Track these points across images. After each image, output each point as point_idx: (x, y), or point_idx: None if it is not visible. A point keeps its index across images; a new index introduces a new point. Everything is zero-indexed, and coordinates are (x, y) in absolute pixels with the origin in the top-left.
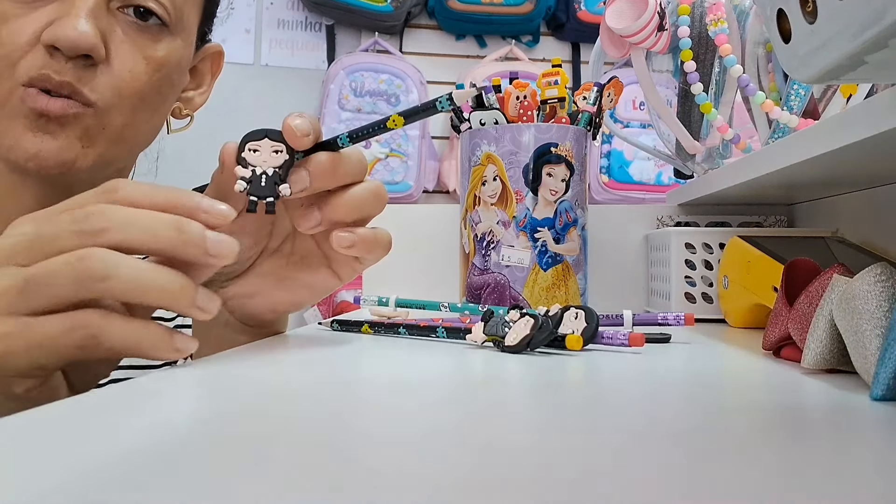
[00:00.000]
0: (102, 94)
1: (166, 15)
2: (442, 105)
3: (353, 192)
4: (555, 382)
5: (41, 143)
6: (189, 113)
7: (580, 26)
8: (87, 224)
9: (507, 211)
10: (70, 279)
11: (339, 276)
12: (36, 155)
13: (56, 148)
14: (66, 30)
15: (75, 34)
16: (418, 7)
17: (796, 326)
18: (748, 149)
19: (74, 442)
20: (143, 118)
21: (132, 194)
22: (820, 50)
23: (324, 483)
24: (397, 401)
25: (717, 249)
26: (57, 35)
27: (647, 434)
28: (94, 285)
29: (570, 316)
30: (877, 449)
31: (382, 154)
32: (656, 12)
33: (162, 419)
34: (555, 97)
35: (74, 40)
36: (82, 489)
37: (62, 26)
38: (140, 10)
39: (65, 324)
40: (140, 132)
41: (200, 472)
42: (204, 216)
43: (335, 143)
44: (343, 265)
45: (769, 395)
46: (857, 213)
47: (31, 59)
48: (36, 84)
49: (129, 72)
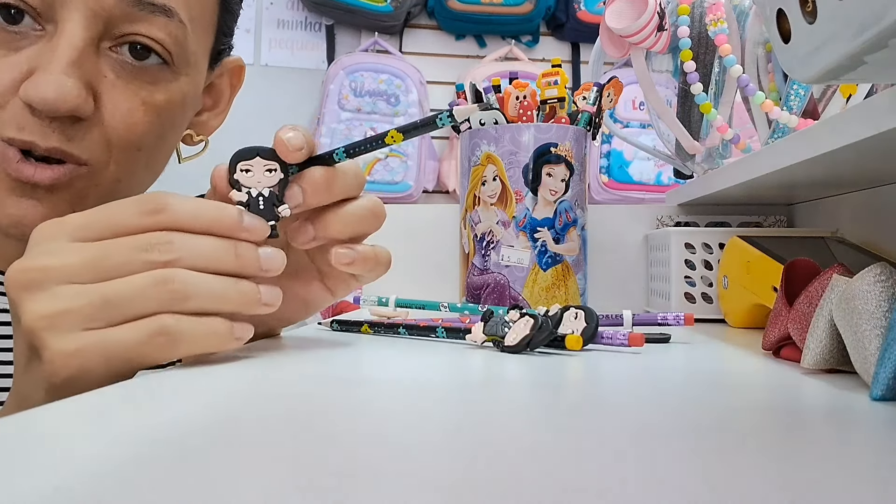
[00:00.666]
0: (94, 152)
1: (166, 53)
2: (442, 121)
3: (348, 209)
4: (554, 382)
5: (25, 209)
6: (204, 138)
7: (580, 26)
8: (157, 255)
9: (507, 211)
10: (154, 300)
11: (332, 291)
12: (19, 222)
13: (42, 214)
14: (45, 89)
15: (54, 96)
16: (418, 7)
17: (796, 326)
18: (748, 149)
19: (74, 443)
20: (141, 166)
21: (181, 218)
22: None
23: (324, 483)
24: (397, 401)
25: (717, 249)
26: (33, 96)
27: (646, 434)
28: (178, 304)
29: (569, 316)
30: (877, 449)
31: (382, 154)
32: (656, 12)
33: (162, 420)
34: (554, 97)
35: (53, 103)
36: (82, 490)
37: (41, 84)
38: (136, 48)
39: (142, 331)
40: (137, 182)
41: (201, 472)
42: (245, 235)
43: (330, 157)
44: (338, 281)
45: (769, 395)
46: (856, 213)
47: (11, 113)
48: (18, 146)
49: (122, 122)
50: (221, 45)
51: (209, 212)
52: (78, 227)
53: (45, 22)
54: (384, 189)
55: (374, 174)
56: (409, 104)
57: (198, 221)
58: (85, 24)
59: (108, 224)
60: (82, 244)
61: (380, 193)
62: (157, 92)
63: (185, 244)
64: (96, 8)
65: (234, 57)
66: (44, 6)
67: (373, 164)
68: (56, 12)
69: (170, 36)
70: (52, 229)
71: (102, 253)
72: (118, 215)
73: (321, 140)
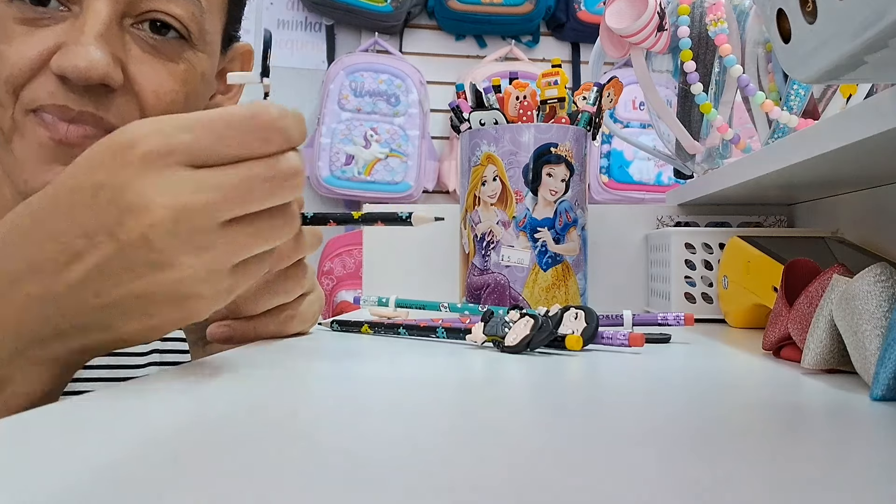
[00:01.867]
0: (128, 119)
1: (184, 29)
2: (405, 218)
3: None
4: (554, 383)
5: (56, 174)
6: None
7: (580, 26)
8: (289, 192)
9: (507, 211)
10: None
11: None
12: None
13: None
14: (75, 59)
15: (85, 64)
16: (418, 7)
17: (796, 327)
18: (748, 149)
19: (72, 443)
20: None
21: (294, 141)
22: (820, 50)
23: (324, 483)
24: (397, 401)
25: (717, 249)
26: (66, 65)
27: (646, 434)
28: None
29: (569, 316)
30: (877, 449)
31: (382, 154)
32: (656, 12)
33: (161, 421)
34: (554, 97)
35: (85, 71)
36: (80, 491)
37: (71, 55)
38: (156, 25)
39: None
40: None
41: (201, 472)
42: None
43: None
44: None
45: (769, 395)
46: (856, 213)
47: (40, 85)
48: (50, 113)
49: (153, 92)
50: (232, 30)
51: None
52: (191, 154)
53: (71, 3)
54: (384, 189)
55: (374, 174)
56: (409, 104)
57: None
58: (109, 2)
59: (227, 151)
60: (209, 173)
61: (380, 193)
62: (179, 63)
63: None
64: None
65: (243, 43)
66: None
67: (373, 164)
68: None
69: (187, 12)
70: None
71: (244, 187)
72: (237, 139)
73: (321, 140)
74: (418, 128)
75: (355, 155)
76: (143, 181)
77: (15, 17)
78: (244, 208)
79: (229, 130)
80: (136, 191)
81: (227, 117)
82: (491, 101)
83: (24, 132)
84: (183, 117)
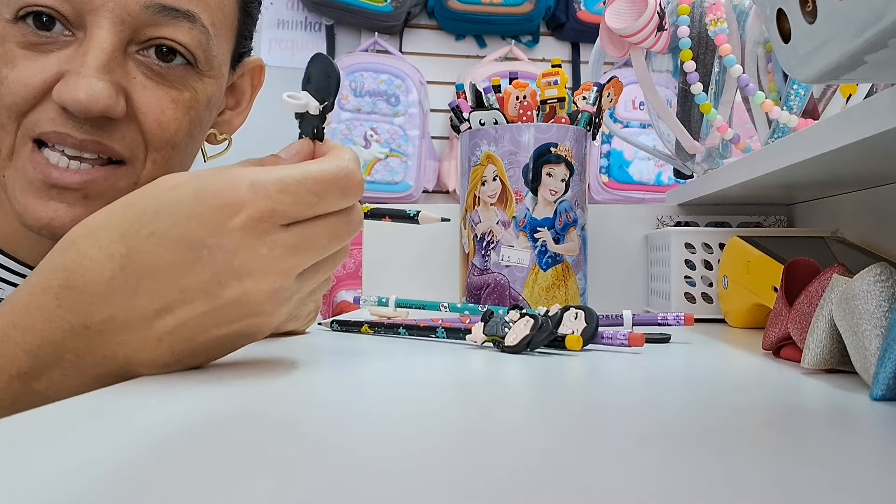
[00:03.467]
0: (132, 148)
1: (190, 55)
2: (412, 215)
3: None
4: (554, 383)
5: (54, 211)
6: (227, 137)
7: (580, 26)
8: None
9: (507, 211)
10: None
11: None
12: (49, 224)
13: (72, 217)
14: (76, 91)
15: (86, 97)
16: (418, 7)
17: (796, 326)
18: (748, 149)
19: (73, 443)
20: (176, 165)
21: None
22: (819, 50)
23: (323, 483)
24: (397, 401)
25: (717, 249)
26: (67, 97)
27: (646, 434)
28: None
29: (569, 316)
30: (877, 449)
31: (382, 154)
32: (656, 12)
33: (160, 420)
34: (554, 97)
35: (86, 103)
36: (80, 491)
37: (73, 86)
38: (162, 51)
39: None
40: None
41: (200, 472)
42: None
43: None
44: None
45: (769, 395)
46: (856, 213)
47: (42, 113)
48: (51, 140)
49: (155, 120)
50: (242, 47)
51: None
52: (288, 216)
53: (76, 29)
54: (384, 189)
55: (374, 174)
56: (409, 104)
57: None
58: (113, 30)
59: (317, 210)
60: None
61: (380, 193)
62: (184, 91)
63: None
64: (123, 15)
65: (255, 57)
66: (74, 13)
67: (373, 163)
68: (85, 19)
69: (194, 40)
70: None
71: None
72: (327, 198)
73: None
74: (418, 128)
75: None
76: (249, 248)
77: (18, 42)
78: (323, 256)
79: (321, 189)
80: (244, 258)
81: (319, 176)
82: (491, 101)
83: (17, 162)
84: (279, 175)
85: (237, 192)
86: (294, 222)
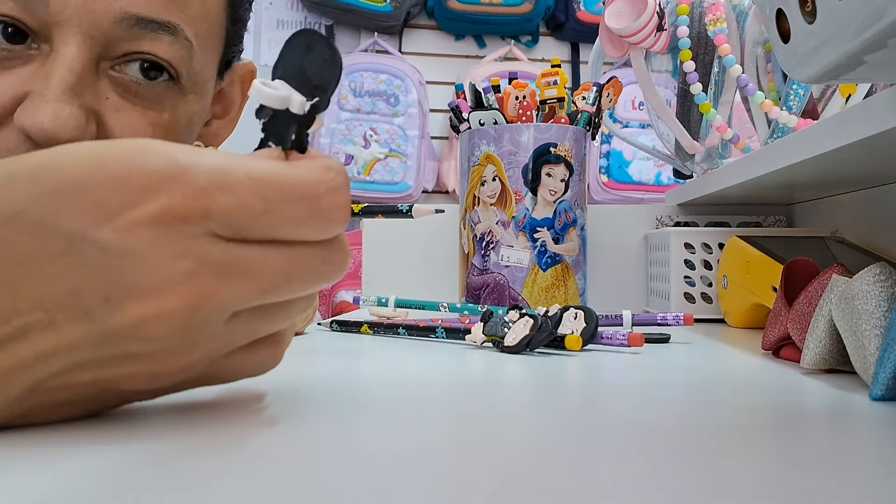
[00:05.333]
0: None
1: (173, 70)
2: (404, 210)
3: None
4: (554, 383)
5: None
6: (213, 149)
7: (579, 26)
8: (331, 278)
9: (507, 211)
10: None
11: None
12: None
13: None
14: (40, 117)
15: (51, 125)
16: (417, 7)
17: (796, 326)
18: (747, 149)
19: (72, 443)
20: None
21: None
22: (819, 50)
23: (322, 482)
24: (396, 401)
25: (717, 249)
26: (29, 125)
27: (646, 434)
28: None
29: (569, 316)
30: (877, 449)
31: (382, 154)
32: (655, 12)
33: (160, 420)
34: (554, 97)
35: (51, 131)
36: (81, 492)
37: (36, 113)
38: (145, 66)
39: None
40: None
41: (199, 472)
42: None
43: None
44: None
45: (769, 395)
46: (856, 213)
47: (5, 140)
48: None
49: None
50: (231, 54)
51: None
52: (227, 225)
53: (40, 41)
54: (384, 189)
55: (373, 174)
56: (408, 104)
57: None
58: (83, 46)
59: (275, 231)
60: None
61: (379, 193)
62: (163, 112)
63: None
64: (92, 31)
65: (245, 62)
66: (38, 25)
67: (372, 163)
68: (51, 32)
69: (175, 56)
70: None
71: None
72: (291, 215)
73: (320, 141)
74: (418, 128)
75: (355, 155)
76: (159, 253)
77: None
78: (274, 299)
79: (277, 197)
80: (148, 267)
81: (282, 181)
82: (490, 101)
83: None
84: (222, 164)
85: (153, 164)
86: (240, 239)
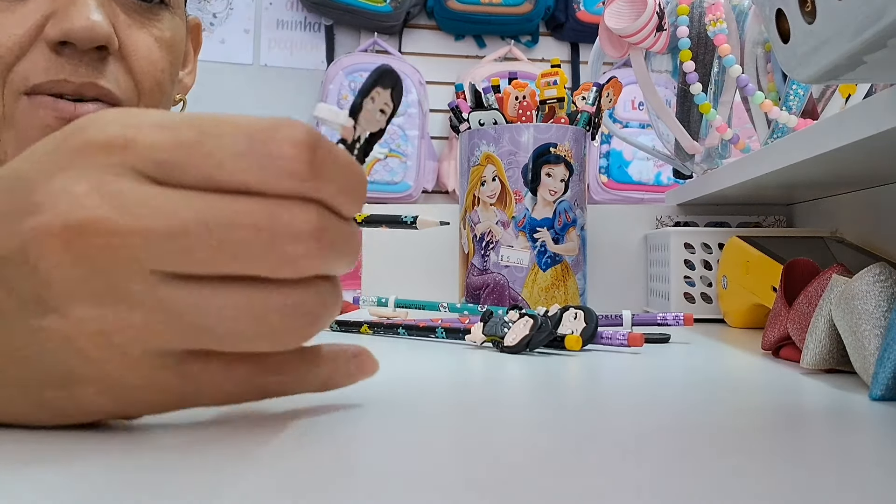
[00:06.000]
0: (126, 90)
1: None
2: (408, 221)
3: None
4: (554, 383)
5: None
6: (182, 97)
7: (579, 26)
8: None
9: (507, 211)
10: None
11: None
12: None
13: None
14: (78, 21)
15: (90, 24)
16: (417, 7)
17: (795, 326)
18: (747, 149)
19: (73, 442)
20: (164, 108)
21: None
22: (819, 50)
23: (322, 482)
24: (396, 401)
25: (717, 249)
26: (68, 28)
27: (646, 434)
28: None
29: (569, 316)
30: (877, 449)
31: (381, 154)
32: (655, 12)
33: (157, 420)
34: (554, 97)
35: (90, 30)
36: (80, 492)
37: (73, 17)
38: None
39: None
40: None
41: (198, 472)
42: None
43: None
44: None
45: (768, 395)
46: (856, 213)
47: (31, 63)
48: (46, 91)
49: (145, 59)
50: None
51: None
52: (157, 162)
53: None
54: (383, 189)
55: (373, 174)
56: (408, 104)
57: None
58: None
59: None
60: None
61: (379, 193)
62: (164, 30)
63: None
64: None
65: (191, 17)
66: None
67: (372, 163)
68: None
69: None
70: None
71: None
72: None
73: None
74: (417, 128)
75: None
76: (64, 175)
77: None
78: (191, 256)
79: (218, 134)
80: (50, 185)
81: (226, 116)
82: (490, 102)
83: (16, 121)
84: (172, 114)
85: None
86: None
